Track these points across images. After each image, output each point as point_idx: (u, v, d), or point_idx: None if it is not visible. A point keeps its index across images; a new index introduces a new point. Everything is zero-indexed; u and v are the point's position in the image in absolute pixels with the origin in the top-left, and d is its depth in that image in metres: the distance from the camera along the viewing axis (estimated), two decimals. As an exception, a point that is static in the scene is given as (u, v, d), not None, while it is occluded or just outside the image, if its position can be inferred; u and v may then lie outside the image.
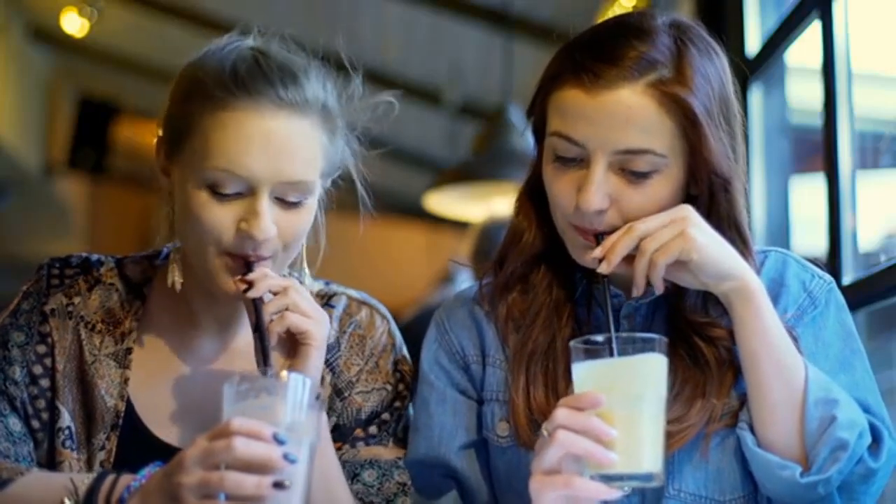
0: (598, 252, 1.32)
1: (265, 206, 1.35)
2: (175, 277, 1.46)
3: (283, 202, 1.37)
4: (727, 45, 1.44)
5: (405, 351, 1.59)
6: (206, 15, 5.66)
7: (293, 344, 1.38)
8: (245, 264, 1.37)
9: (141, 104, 7.27)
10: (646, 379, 1.20)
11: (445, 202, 4.68)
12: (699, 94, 1.32)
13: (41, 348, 1.47)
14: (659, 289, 1.32)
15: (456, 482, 1.47)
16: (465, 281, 4.94)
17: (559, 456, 1.19)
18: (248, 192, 1.35)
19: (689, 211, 1.31)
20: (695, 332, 1.38)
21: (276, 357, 1.36)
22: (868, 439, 1.31)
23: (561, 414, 1.20)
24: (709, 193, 1.36)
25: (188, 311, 1.50)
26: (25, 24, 6.86)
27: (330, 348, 1.50)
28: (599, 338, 1.22)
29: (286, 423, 1.18)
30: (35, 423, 1.45)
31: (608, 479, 1.18)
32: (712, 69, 1.35)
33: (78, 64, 7.32)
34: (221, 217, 1.36)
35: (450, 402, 1.47)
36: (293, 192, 1.37)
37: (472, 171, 4.35)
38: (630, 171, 1.32)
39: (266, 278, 1.36)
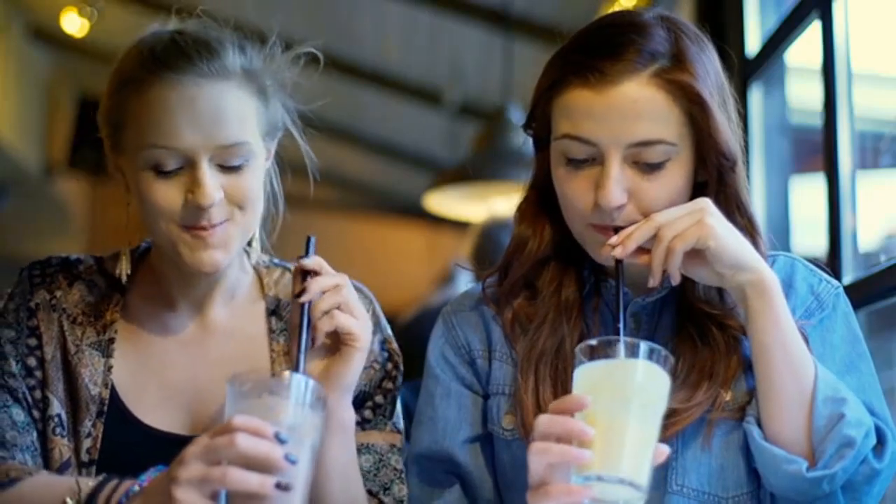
0: (614, 240, 1.33)
1: (205, 173, 1.39)
2: (124, 269, 1.51)
3: (224, 168, 1.41)
4: (727, 45, 1.45)
5: (390, 331, 1.60)
6: (206, 15, 5.65)
7: (334, 343, 1.38)
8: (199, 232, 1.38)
9: (141, 104, 7.26)
10: (635, 383, 1.19)
11: (445, 202, 4.68)
12: (701, 79, 1.34)
13: (32, 341, 1.49)
14: (675, 278, 1.32)
15: (459, 478, 1.48)
16: (465, 281, 4.94)
17: (543, 465, 1.19)
18: (188, 165, 1.39)
19: (706, 203, 1.33)
20: (706, 317, 1.39)
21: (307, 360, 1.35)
22: (873, 440, 1.32)
23: (540, 422, 1.20)
24: (717, 176, 1.38)
25: (165, 295, 1.53)
26: (25, 24, 6.86)
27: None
28: (594, 342, 1.22)
29: (288, 423, 1.18)
30: (35, 413, 1.47)
31: (588, 479, 1.16)
32: (706, 57, 1.38)
33: (78, 64, 7.31)
34: (168, 193, 1.40)
35: (454, 396, 1.48)
36: (232, 156, 1.41)
37: (472, 171, 4.35)
38: (644, 163, 1.34)
39: (317, 280, 1.36)
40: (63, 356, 1.49)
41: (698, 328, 1.40)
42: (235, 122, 1.41)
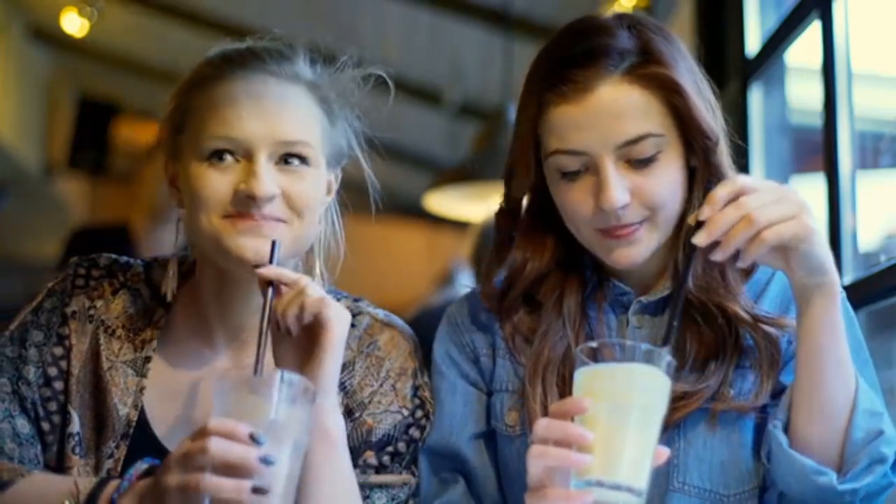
0: (703, 234, 1.25)
1: (263, 166, 1.36)
2: (170, 287, 1.47)
3: (283, 167, 1.39)
4: (727, 45, 1.46)
5: (427, 377, 1.54)
6: (206, 15, 5.66)
7: (308, 343, 1.35)
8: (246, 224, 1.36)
9: (141, 104, 7.27)
10: (635, 387, 1.18)
11: (445, 202, 4.68)
12: (672, 67, 1.36)
13: (58, 350, 1.46)
14: (747, 263, 1.27)
15: (464, 474, 1.48)
16: (466, 281, 4.94)
17: (541, 469, 1.19)
18: (246, 158, 1.37)
19: (799, 194, 1.29)
20: (709, 301, 1.39)
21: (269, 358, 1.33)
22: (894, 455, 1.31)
23: (540, 425, 1.20)
24: (704, 158, 1.39)
25: (204, 323, 1.49)
26: (25, 24, 6.85)
27: (344, 367, 1.44)
28: (595, 344, 1.21)
29: (267, 421, 1.17)
30: (45, 426, 1.44)
31: (588, 484, 1.16)
32: (671, 46, 1.40)
33: (78, 64, 7.31)
34: (220, 184, 1.37)
35: (460, 393, 1.50)
36: (291, 153, 1.38)
37: (472, 171, 4.34)
38: (636, 160, 1.35)
39: (278, 269, 1.34)
40: (94, 371, 1.45)
41: (702, 312, 1.40)
42: (299, 122, 1.40)
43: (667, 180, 1.36)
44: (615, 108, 1.33)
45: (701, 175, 1.39)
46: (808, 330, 1.31)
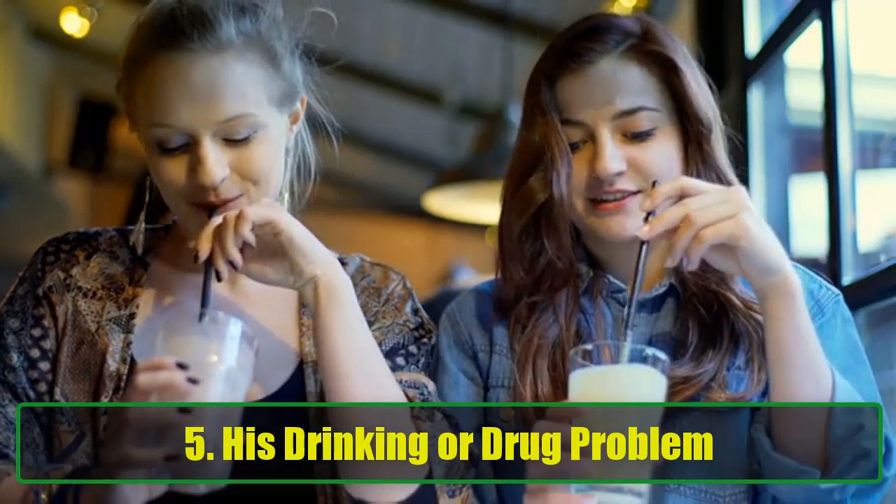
0: (645, 229, 1.27)
1: (207, 151, 1.35)
2: (139, 240, 1.48)
3: (229, 142, 1.37)
4: (727, 45, 1.49)
5: (420, 304, 1.56)
6: None
7: (274, 253, 1.35)
8: (208, 210, 1.36)
9: (141, 104, 7.28)
10: (632, 390, 1.17)
11: (445, 202, 4.68)
12: (672, 49, 1.43)
13: (36, 332, 1.46)
14: (694, 265, 1.27)
15: None
16: (465, 280, 4.94)
17: (538, 473, 1.19)
18: (191, 143, 1.37)
19: (744, 196, 1.29)
20: (705, 289, 1.41)
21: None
22: (884, 449, 1.30)
23: (539, 428, 1.19)
24: (697, 144, 1.43)
25: (191, 272, 1.47)
26: (25, 24, 6.86)
27: None
28: (589, 346, 1.21)
29: (197, 356, 1.19)
30: (38, 407, 1.44)
31: (592, 488, 1.16)
32: (674, 42, 1.46)
33: (78, 64, 7.32)
34: (173, 171, 1.38)
35: (462, 387, 1.51)
36: (235, 129, 1.37)
37: (472, 171, 4.35)
38: (633, 133, 1.40)
39: (207, 238, 1.33)
40: (79, 338, 1.44)
41: (701, 300, 1.42)
42: (234, 95, 1.37)
43: (664, 156, 1.40)
44: (613, 79, 1.40)
45: (695, 161, 1.42)
46: (772, 332, 1.30)
